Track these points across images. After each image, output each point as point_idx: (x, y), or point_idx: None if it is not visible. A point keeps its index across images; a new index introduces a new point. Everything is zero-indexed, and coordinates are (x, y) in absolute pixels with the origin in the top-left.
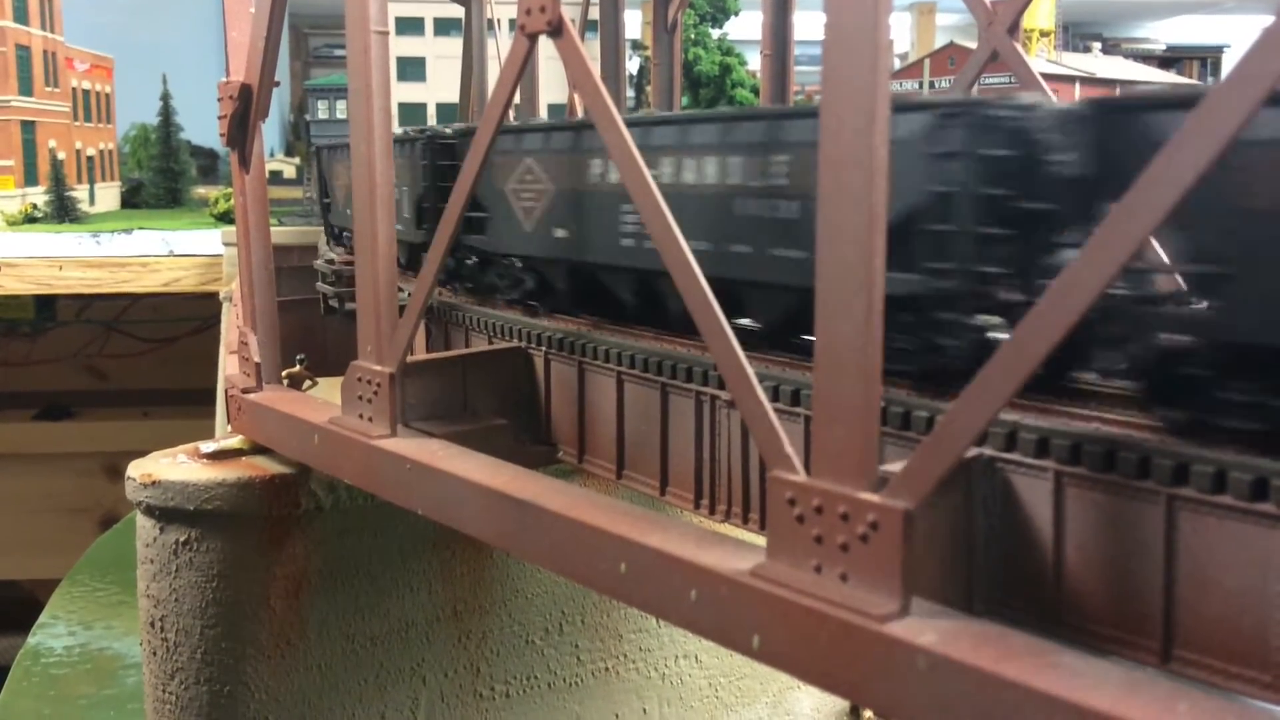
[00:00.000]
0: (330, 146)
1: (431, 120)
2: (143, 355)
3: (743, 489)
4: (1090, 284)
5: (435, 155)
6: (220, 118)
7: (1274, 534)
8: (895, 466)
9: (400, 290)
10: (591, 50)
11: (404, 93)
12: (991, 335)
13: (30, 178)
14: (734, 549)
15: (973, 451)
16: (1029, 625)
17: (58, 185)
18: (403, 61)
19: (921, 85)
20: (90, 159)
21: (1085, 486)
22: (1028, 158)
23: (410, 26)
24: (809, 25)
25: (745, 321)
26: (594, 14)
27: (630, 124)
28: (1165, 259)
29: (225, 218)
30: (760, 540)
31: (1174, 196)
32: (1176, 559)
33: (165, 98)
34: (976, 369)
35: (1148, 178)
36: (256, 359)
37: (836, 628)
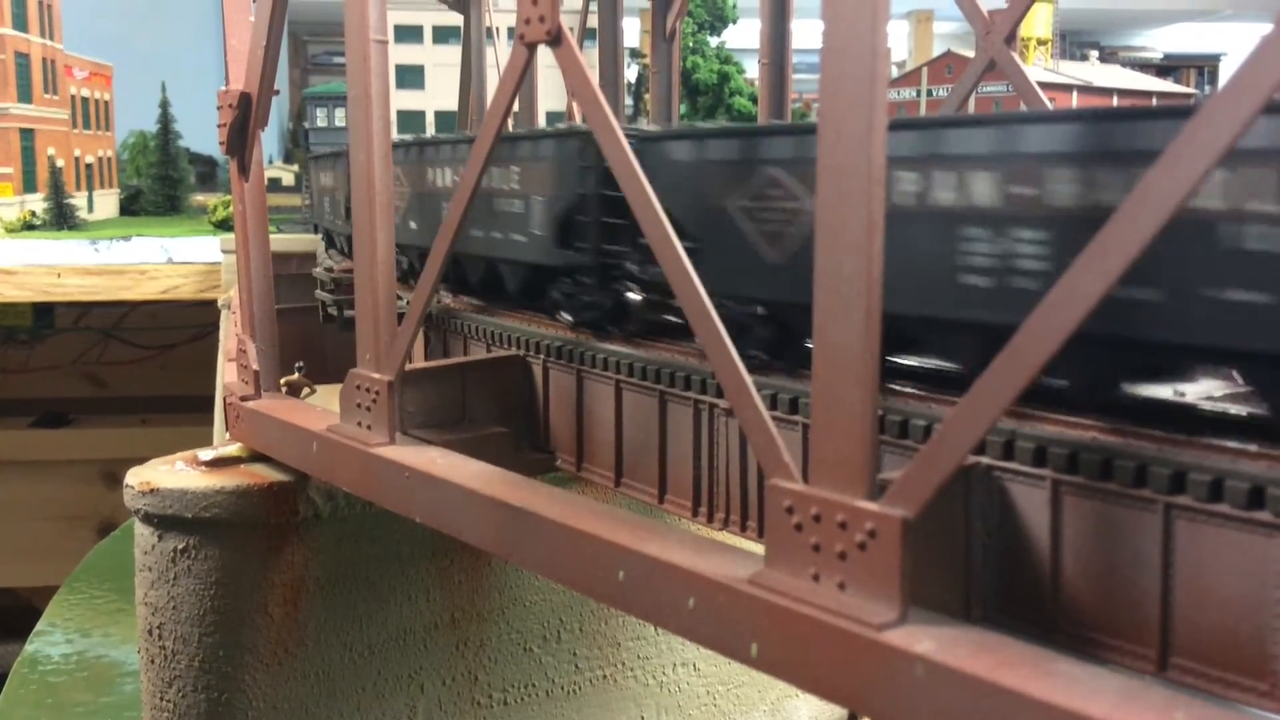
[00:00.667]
0: (315, 157)
1: (430, 129)
2: (141, 363)
3: (741, 497)
4: (1088, 291)
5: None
6: (219, 126)
7: (1271, 542)
8: (893, 475)
9: (399, 298)
10: (590, 59)
11: (403, 100)
12: (630, 296)
13: (29, 185)
14: (732, 557)
15: (970, 459)
16: (1026, 633)
17: (56, 193)
18: (401, 69)
19: (919, 93)
20: (89, 166)
21: (1082, 495)
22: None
23: (409, 34)
24: (807, 34)
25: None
26: (592, 22)
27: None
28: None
29: (224, 225)
30: (758, 548)
31: (1174, 202)
32: (1174, 567)
33: (164, 105)
34: (626, 321)
35: (1147, 184)
36: (255, 366)
37: (834, 636)
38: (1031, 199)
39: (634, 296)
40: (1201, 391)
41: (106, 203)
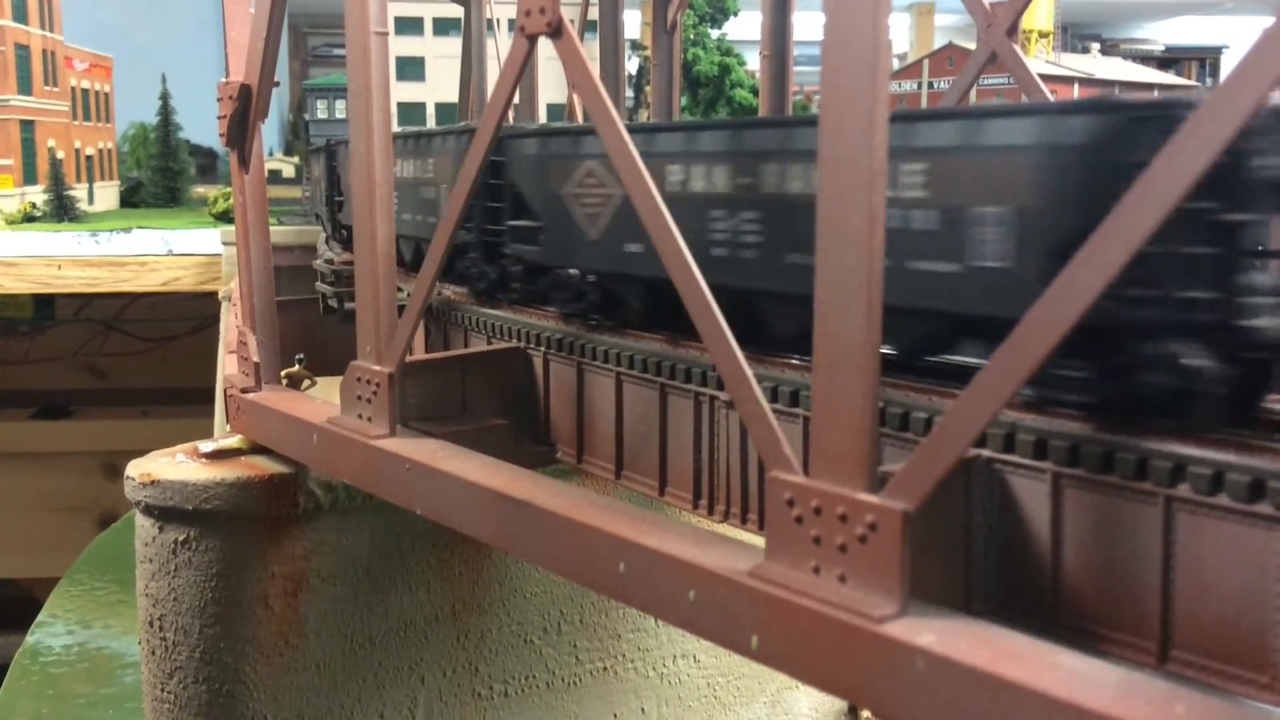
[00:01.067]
0: (315, 149)
1: (430, 121)
2: (141, 354)
3: (741, 490)
4: (1089, 285)
5: None
6: (220, 118)
7: (1272, 535)
8: (894, 468)
9: (400, 290)
10: (591, 51)
11: (403, 92)
12: (509, 269)
13: (29, 177)
14: (733, 549)
15: (971, 452)
16: (1027, 626)
17: (56, 184)
18: (402, 61)
19: (920, 86)
20: (89, 158)
21: (1083, 487)
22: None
23: (409, 26)
24: (808, 26)
25: None
26: (593, 14)
27: None
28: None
29: (224, 217)
30: (759, 541)
31: (1176, 196)
32: (1174, 560)
33: (164, 97)
34: (509, 291)
35: (1148, 178)
36: (255, 358)
37: (835, 628)
38: (749, 187)
39: (513, 269)
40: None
41: (107, 194)
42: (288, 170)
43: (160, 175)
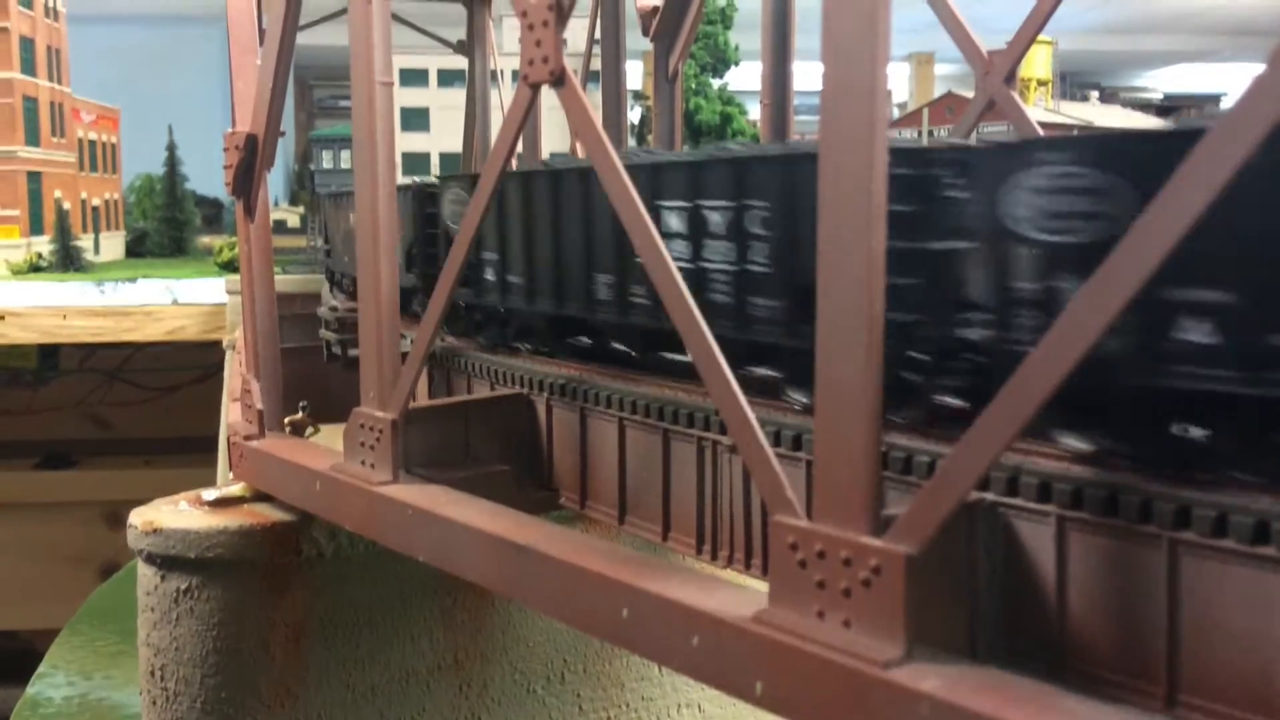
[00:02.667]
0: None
1: (435, 170)
2: (145, 404)
3: (745, 534)
4: (1091, 325)
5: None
6: (226, 167)
7: (1277, 577)
8: (898, 511)
9: (403, 337)
10: (593, 100)
11: (408, 143)
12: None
13: (35, 227)
14: (736, 595)
15: (974, 495)
16: (1032, 670)
17: (63, 235)
18: (407, 112)
19: (920, 133)
20: (95, 209)
21: (1088, 530)
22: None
23: (414, 78)
24: (808, 76)
25: None
26: (595, 64)
27: None
28: None
29: (229, 267)
30: (763, 586)
31: (1176, 236)
32: (1180, 603)
33: (170, 148)
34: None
35: (1148, 219)
36: (259, 406)
37: (839, 674)
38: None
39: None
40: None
41: (113, 245)
42: (292, 220)
43: (166, 225)
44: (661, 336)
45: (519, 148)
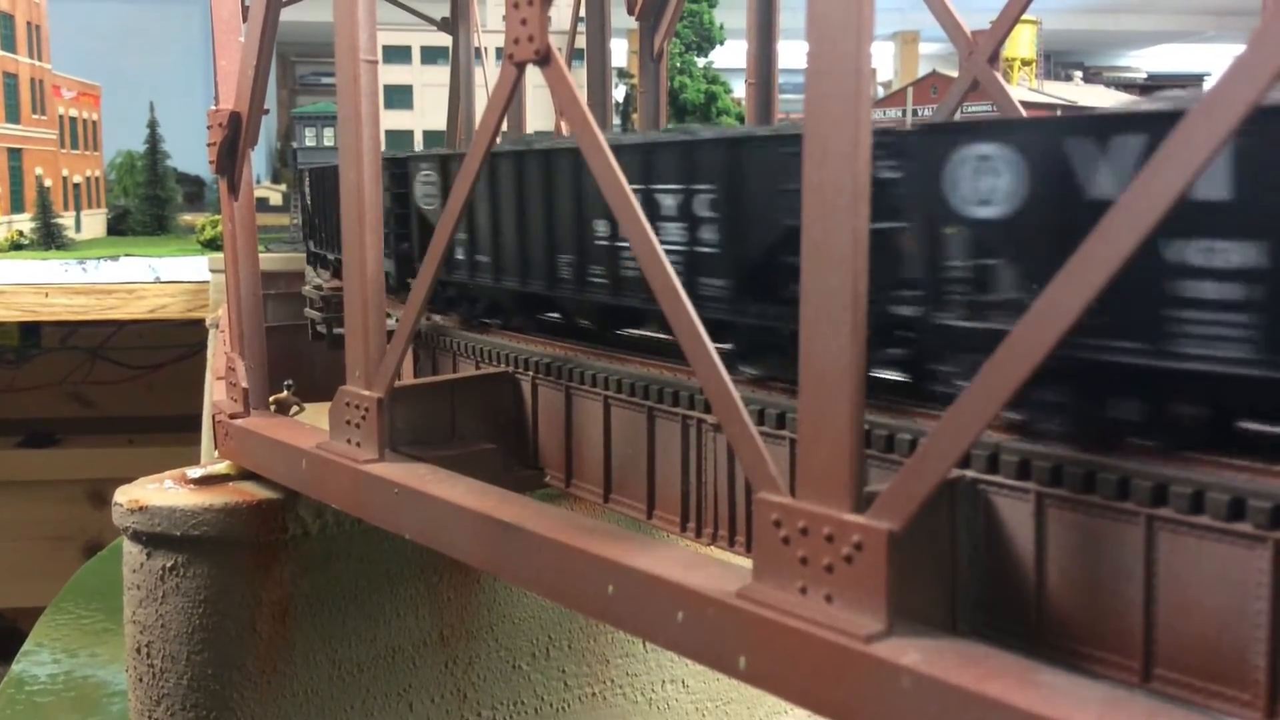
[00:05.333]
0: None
1: (418, 148)
2: (128, 382)
3: (729, 511)
4: (1069, 306)
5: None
6: (209, 145)
7: (1252, 554)
8: (880, 488)
9: (389, 316)
10: (578, 78)
11: (391, 120)
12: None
13: (16, 205)
14: (720, 571)
15: (955, 473)
16: (1012, 645)
17: (44, 212)
18: (390, 89)
19: (904, 113)
20: (76, 186)
21: (1066, 507)
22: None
23: (398, 55)
24: (793, 55)
25: None
26: (580, 43)
27: None
28: None
29: (212, 245)
30: (747, 563)
31: (1154, 219)
32: (1156, 579)
33: (152, 125)
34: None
35: (1126, 201)
36: (244, 384)
37: (822, 648)
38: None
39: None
40: None
41: (94, 222)
42: (275, 198)
43: (147, 203)
44: (621, 313)
45: (504, 126)
